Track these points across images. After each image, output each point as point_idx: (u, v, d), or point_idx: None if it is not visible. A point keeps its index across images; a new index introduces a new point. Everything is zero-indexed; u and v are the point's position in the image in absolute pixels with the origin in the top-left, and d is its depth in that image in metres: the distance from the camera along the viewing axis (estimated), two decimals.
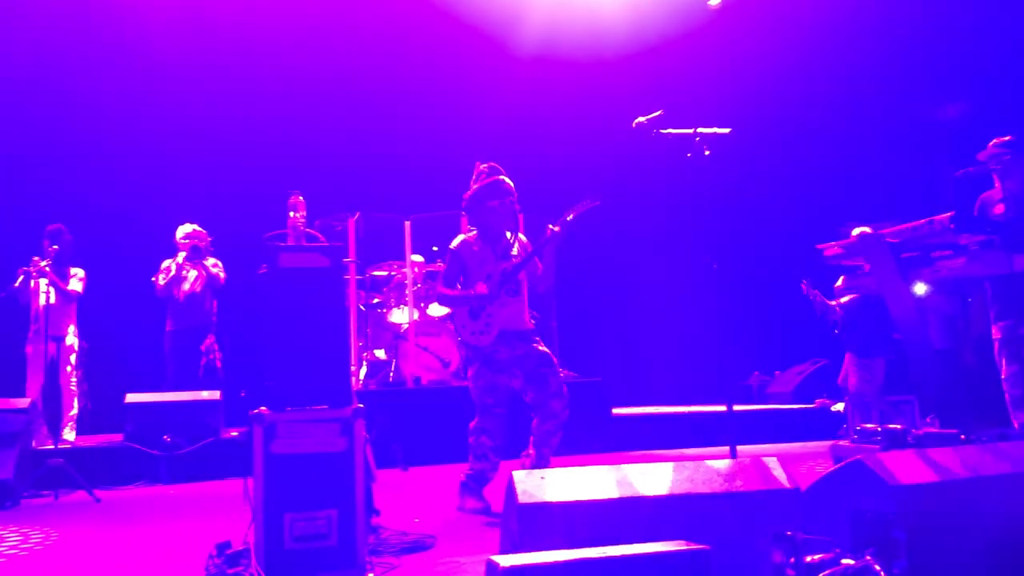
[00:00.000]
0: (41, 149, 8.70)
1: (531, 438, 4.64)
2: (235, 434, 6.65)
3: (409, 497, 5.24)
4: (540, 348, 4.63)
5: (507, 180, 4.66)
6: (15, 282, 6.92)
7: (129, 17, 8.82)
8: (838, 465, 2.92)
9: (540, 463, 4.52)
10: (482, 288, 4.56)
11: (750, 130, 8.97)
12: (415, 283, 7.88)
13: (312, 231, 3.92)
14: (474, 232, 4.76)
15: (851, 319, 6.66)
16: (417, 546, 3.74)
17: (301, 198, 3.77)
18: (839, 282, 5.54)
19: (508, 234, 4.73)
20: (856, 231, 6.78)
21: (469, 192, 4.73)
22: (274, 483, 3.15)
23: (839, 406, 7.81)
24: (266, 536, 3.12)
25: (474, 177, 4.77)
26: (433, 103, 9.62)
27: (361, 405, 3.33)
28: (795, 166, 10.05)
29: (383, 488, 5.23)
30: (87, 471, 5.82)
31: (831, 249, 4.62)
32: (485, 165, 4.74)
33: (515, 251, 4.71)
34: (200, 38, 9.06)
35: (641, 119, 4.45)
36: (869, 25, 9.37)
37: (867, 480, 2.65)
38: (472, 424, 4.63)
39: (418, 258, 8.06)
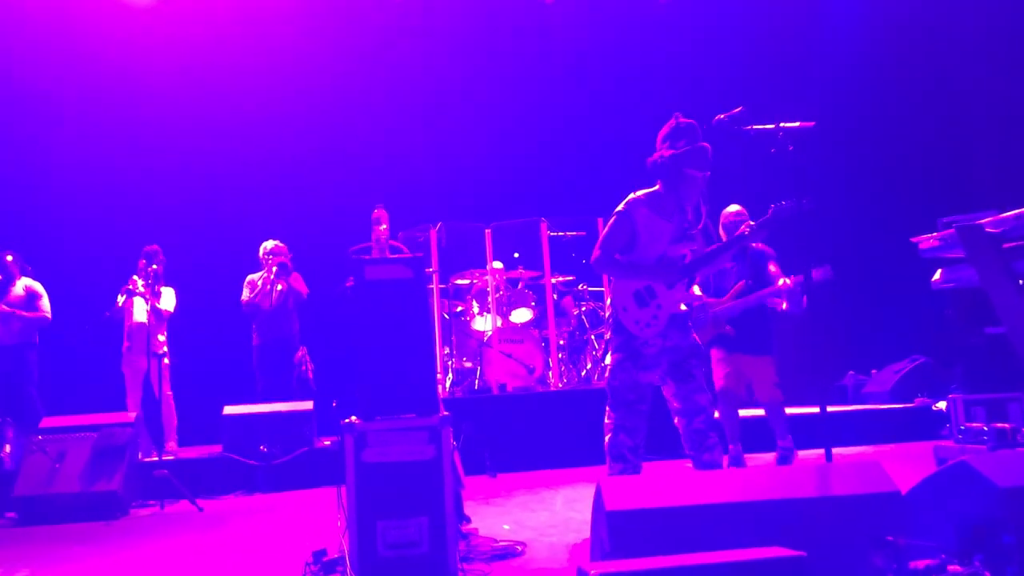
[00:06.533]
0: (132, 171, 9.10)
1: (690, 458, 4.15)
2: (328, 443, 6.80)
3: (499, 503, 5.26)
4: (693, 336, 4.15)
5: (709, 150, 4.08)
6: (117, 302, 7.24)
7: (216, 43, 9.17)
8: (942, 467, 2.80)
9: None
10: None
11: (837, 122, 8.73)
12: (497, 290, 7.93)
13: (396, 243, 3.99)
14: (644, 192, 4.14)
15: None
16: (508, 553, 3.76)
17: (384, 211, 3.84)
18: (937, 276, 5.30)
19: (689, 211, 4.17)
20: (732, 209, 6.26)
21: (667, 152, 4.07)
22: (366, 491, 3.22)
23: (941, 404, 7.49)
24: (360, 543, 3.18)
25: (667, 131, 4.12)
26: (509, 113, 9.67)
27: (448, 413, 3.38)
28: (886, 156, 9.70)
29: (472, 495, 5.28)
30: (188, 481, 6.05)
31: (927, 242, 4.44)
32: (685, 121, 4.11)
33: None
34: (283, 57, 9.35)
35: (721, 116, 4.34)
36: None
37: (973, 482, 2.54)
38: (607, 421, 4.12)
39: (499, 265, 8.11)
